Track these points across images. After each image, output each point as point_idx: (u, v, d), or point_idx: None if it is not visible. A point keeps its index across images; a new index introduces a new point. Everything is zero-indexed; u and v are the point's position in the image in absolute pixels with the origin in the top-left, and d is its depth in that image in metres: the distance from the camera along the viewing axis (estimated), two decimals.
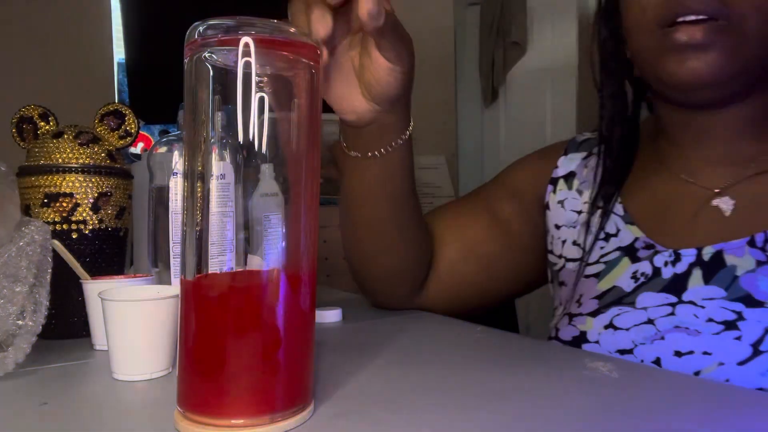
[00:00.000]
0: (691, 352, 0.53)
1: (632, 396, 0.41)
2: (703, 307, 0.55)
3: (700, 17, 0.54)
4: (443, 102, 2.52)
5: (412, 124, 0.60)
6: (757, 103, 0.60)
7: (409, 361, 0.52)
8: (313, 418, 0.38)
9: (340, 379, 0.45)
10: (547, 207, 0.74)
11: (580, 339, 0.60)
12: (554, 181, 0.74)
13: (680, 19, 0.54)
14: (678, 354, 0.54)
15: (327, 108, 0.47)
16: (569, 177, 0.73)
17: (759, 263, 0.54)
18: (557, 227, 0.72)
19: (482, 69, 2.84)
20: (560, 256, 0.71)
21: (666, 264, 0.59)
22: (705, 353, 0.52)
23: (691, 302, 0.56)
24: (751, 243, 0.56)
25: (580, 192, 0.72)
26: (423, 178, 2.39)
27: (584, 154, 0.74)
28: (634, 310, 0.58)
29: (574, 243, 0.70)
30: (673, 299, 0.57)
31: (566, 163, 0.74)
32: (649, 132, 0.70)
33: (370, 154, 0.59)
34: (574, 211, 0.71)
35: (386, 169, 0.60)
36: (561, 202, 0.73)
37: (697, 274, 0.57)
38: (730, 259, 0.56)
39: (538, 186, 0.75)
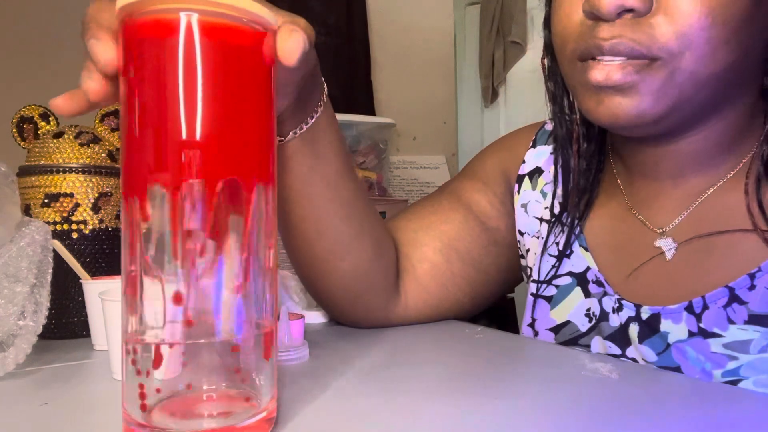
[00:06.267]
0: None
1: (633, 397, 0.41)
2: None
3: (617, 59, 0.47)
4: (443, 102, 2.52)
5: (325, 89, 0.51)
6: (711, 134, 0.53)
7: (407, 361, 0.52)
8: (307, 417, 0.38)
9: (335, 379, 0.45)
10: (513, 207, 0.68)
11: None
12: (520, 179, 0.68)
13: (598, 57, 0.48)
14: None
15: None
16: (534, 174, 0.67)
17: (691, 334, 0.51)
18: (521, 233, 0.67)
19: (482, 69, 2.84)
20: (525, 265, 0.68)
21: (613, 311, 0.56)
22: None
23: (633, 359, 0.54)
24: (690, 309, 0.52)
25: (544, 194, 0.66)
26: (423, 177, 2.39)
27: (552, 147, 0.66)
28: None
29: (535, 253, 0.65)
30: (617, 351, 0.55)
31: (533, 158, 0.68)
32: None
33: (291, 134, 0.49)
34: (536, 218, 0.66)
35: (312, 147, 0.51)
36: (524, 206, 0.67)
37: (634, 330, 0.54)
38: (665, 324, 0.52)
39: (506, 181, 0.69)
